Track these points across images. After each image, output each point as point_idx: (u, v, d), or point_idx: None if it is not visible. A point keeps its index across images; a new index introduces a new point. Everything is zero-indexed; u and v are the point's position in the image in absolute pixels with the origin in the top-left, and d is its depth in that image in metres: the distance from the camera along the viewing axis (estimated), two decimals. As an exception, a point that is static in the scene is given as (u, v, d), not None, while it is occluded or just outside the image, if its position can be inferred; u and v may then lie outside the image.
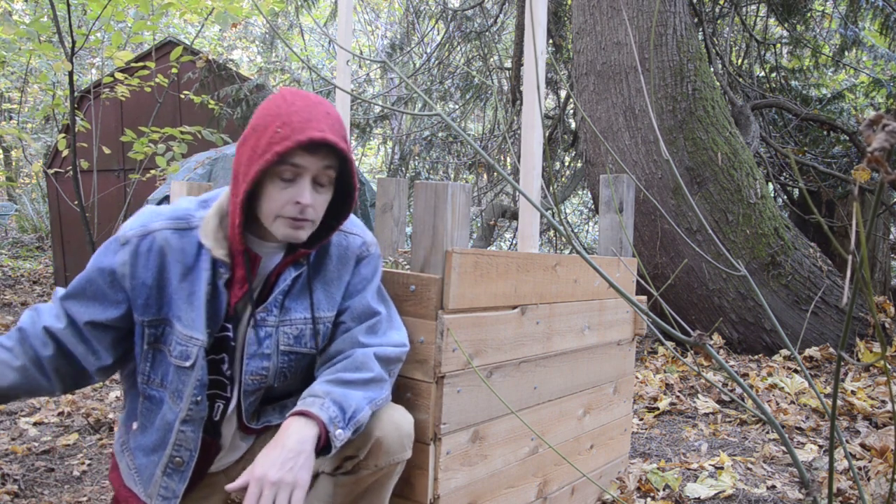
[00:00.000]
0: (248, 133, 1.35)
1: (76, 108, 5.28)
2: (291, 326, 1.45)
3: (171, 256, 1.36)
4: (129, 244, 1.36)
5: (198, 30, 8.18)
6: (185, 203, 1.43)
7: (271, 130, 1.30)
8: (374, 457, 1.41)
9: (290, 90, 1.37)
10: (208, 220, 1.38)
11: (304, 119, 1.31)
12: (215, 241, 1.37)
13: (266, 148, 1.30)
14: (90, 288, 1.38)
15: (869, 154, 0.70)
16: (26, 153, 11.76)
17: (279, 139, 1.29)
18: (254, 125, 1.34)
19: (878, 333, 0.74)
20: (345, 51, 2.01)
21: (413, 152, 7.49)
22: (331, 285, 1.48)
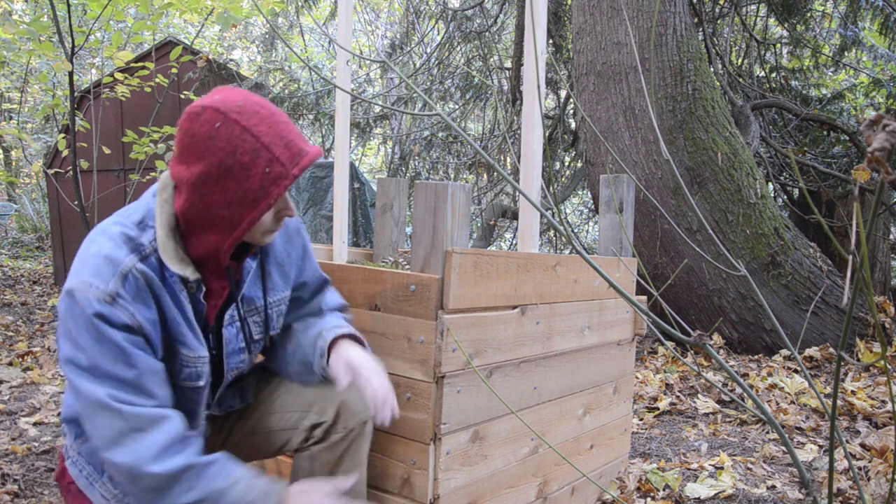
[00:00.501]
0: (213, 175, 1.23)
1: (76, 108, 5.28)
2: (257, 314, 1.50)
3: (155, 286, 1.28)
4: (118, 296, 1.22)
5: (198, 30, 8.18)
6: (116, 229, 1.28)
7: (259, 175, 1.23)
8: (342, 418, 1.47)
9: (233, 107, 1.24)
10: (165, 243, 1.29)
11: (285, 145, 1.26)
12: (181, 263, 1.30)
13: (261, 191, 1.24)
14: (123, 357, 1.23)
15: (869, 154, 0.70)
16: (26, 153, 11.76)
17: (274, 179, 1.25)
18: (220, 166, 1.23)
19: (879, 333, 0.74)
20: (345, 51, 2.01)
21: (413, 152, 7.49)
22: (283, 264, 1.53)
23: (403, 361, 1.61)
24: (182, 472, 1.23)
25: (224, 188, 1.24)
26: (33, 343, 4.62)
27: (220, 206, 1.26)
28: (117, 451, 1.21)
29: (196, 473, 1.25)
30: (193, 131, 1.24)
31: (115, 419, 1.21)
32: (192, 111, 1.26)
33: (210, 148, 1.23)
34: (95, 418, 1.22)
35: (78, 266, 1.25)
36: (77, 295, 1.21)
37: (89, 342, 1.20)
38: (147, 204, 1.33)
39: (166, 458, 1.22)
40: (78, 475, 1.38)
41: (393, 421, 1.47)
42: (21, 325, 5.21)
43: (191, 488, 1.24)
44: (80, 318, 1.20)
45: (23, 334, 4.89)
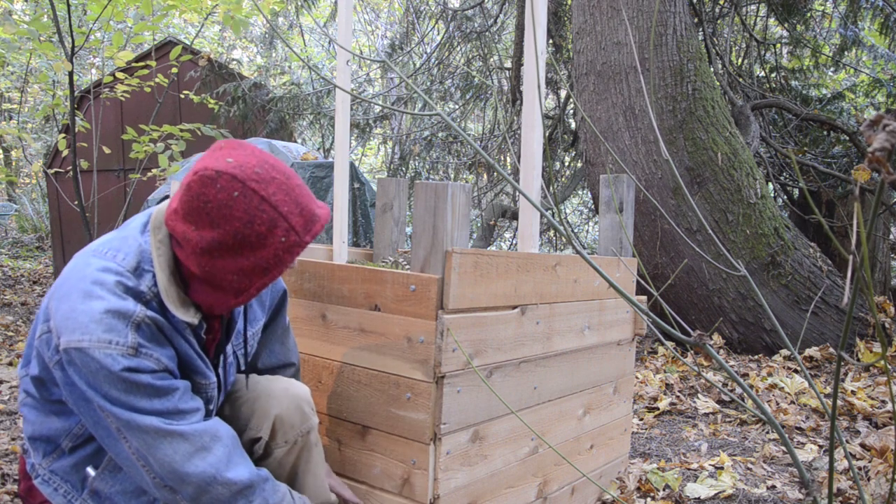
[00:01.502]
0: (228, 243, 1.21)
1: (76, 108, 5.28)
2: (242, 347, 1.55)
3: (164, 328, 1.28)
4: (140, 346, 1.22)
5: (198, 30, 8.18)
6: (111, 278, 1.24)
7: (276, 241, 1.23)
8: (280, 433, 1.51)
9: (249, 174, 1.21)
10: (167, 289, 1.28)
11: (299, 213, 1.25)
12: (183, 307, 1.30)
13: (275, 260, 1.25)
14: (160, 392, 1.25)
15: (870, 154, 0.70)
16: (26, 153, 11.76)
17: (289, 248, 1.25)
18: (236, 235, 1.20)
19: (879, 333, 0.74)
20: (345, 51, 2.01)
21: (413, 152, 7.49)
22: (261, 294, 1.59)
23: (403, 361, 1.61)
24: (248, 485, 1.30)
25: (237, 256, 1.23)
26: (33, 343, 4.61)
27: (230, 272, 1.25)
28: (189, 469, 1.25)
29: (256, 489, 1.31)
30: (208, 197, 1.20)
31: (179, 442, 1.24)
32: (206, 175, 1.20)
33: (226, 217, 1.20)
34: (159, 449, 1.23)
35: (79, 321, 1.19)
36: (96, 354, 1.18)
37: (124, 391, 1.21)
38: (139, 245, 1.29)
39: (235, 467, 1.29)
40: (52, 494, 1.35)
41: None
42: (21, 325, 5.21)
43: (250, 502, 1.31)
44: (106, 373, 1.19)
45: (23, 334, 4.89)
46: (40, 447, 1.37)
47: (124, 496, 1.34)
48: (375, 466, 1.67)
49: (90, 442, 1.34)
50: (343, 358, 1.74)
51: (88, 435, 1.34)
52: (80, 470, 1.35)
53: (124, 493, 1.34)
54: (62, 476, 1.35)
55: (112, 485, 1.34)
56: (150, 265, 1.28)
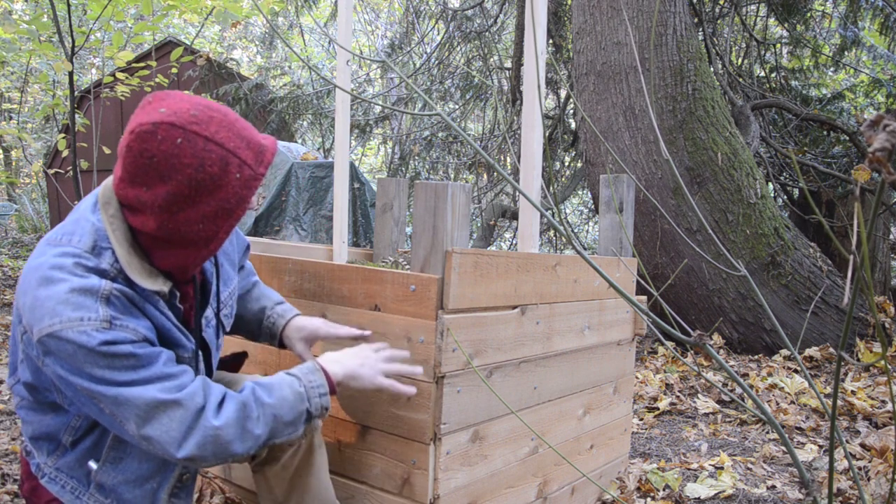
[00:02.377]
0: (185, 193, 1.17)
1: (76, 107, 5.28)
2: (224, 307, 1.53)
3: (136, 300, 1.25)
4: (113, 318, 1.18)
5: (198, 30, 8.18)
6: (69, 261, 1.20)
7: (232, 178, 1.20)
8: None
9: (185, 118, 1.18)
10: (129, 261, 1.24)
11: (246, 146, 1.23)
12: (150, 278, 1.26)
13: (237, 199, 1.22)
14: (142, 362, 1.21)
15: (870, 154, 0.70)
16: (26, 153, 11.75)
17: (244, 183, 1.22)
18: (191, 183, 1.17)
19: (879, 333, 0.74)
20: (345, 51, 2.01)
21: (413, 152, 7.49)
22: (229, 254, 1.57)
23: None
24: (240, 410, 1.27)
25: (197, 204, 1.19)
26: (33, 343, 4.61)
27: (193, 222, 1.21)
28: (191, 439, 1.21)
29: (250, 405, 1.28)
30: (151, 152, 1.16)
31: (177, 410, 1.20)
32: (143, 131, 1.16)
33: (175, 166, 1.16)
34: (159, 422, 1.20)
35: (45, 307, 1.16)
36: (69, 334, 1.14)
37: (107, 367, 1.17)
38: (91, 225, 1.24)
39: (220, 411, 1.25)
40: (61, 491, 1.34)
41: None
42: (21, 325, 5.21)
43: (256, 420, 1.28)
44: (84, 353, 1.15)
45: (23, 334, 4.89)
46: (43, 446, 1.37)
47: (128, 486, 1.33)
48: (375, 466, 1.67)
49: (89, 434, 1.33)
50: (343, 358, 1.74)
51: (86, 427, 1.33)
52: (84, 464, 1.33)
53: (127, 482, 1.33)
54: (68, 473, 1.34)
55: (114, 476, 1.33)
56: (106, 242, 1.23)
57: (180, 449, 1.21)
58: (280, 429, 1.31)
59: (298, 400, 1.33)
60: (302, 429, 1.36)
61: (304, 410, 1.33)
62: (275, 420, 1.30)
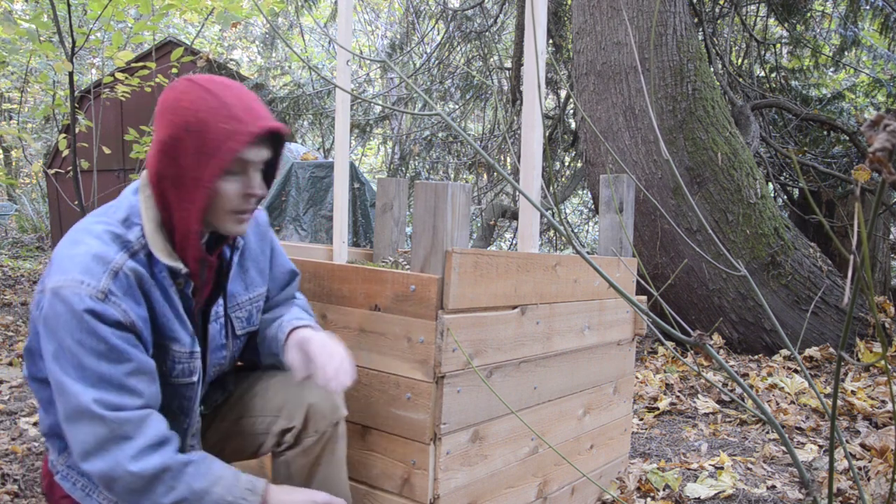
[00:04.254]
0: (179, 135, 1.26)
1: (76, 107, 5.28)
2: (240, 310, 1.52)
3: (145, 283, 1.27)
4: (110, 293, 1.20)
5: (198, 30, 8.18)
6: (100, 227, 1.27)
7: (217, 128, 1.25)
8: (312, 422, 1.49)
9: (203, 78, 1.31)
10: (153, 236, 1.29)
11: (245, 109, 1.29)
12: (169, 256, 1.30)
13: (217, 147, 1.25)
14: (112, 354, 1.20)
15: (871, 154, 0.70)
16: (26, 153, 11.76)
17: (229, 135, 1.26)
18: (183, 125, 1.25)
19: (879, 333, 0.74)
20: (345, 51, 2.01)
21: (413, 152, 7.49)
22: (258, 261, 1.57)
23: (403, 361, 1.61)
24: (160, 472, 1.22)
25: (187, 146, 1.26)
26: (33, 343, 4.61)
27: (187, 168, 1.27)
28: (96, 459, 1.19)
29: (174, 474, 1.23)
30: (167, 100, 1.29)
31: (98, 426, 1.18)
32: (168, 86, 1.33)
33: (176, 109, 1.27)
34: (77, 426, 1.19)
35: (62, 264, 1.21)
36: (65, 292, 1.18)
37: (77, 340, 1.18)
38: (129, 202, 1.32)
39: (144, 459, 1.21)
40: (72, 488, 1.35)
41: (345, 386, 1.43)
42: (21, 325, 5.21)
43: (171, 489, 1.23)
44: (69, 315, 1.17)
45: (23, 334, 4.89)
46: (55, 444, 1.38)
47: None
48: (375, 466, 1.67)
49: None
50: (343, 358, 1.74)
51: None
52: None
53: None
54: (78, 471, 1.35)
55: None
56: (138, 218, 1.30)
57: (84, 462, 1.20)
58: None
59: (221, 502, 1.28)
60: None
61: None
62: (186, 502, 1.25)
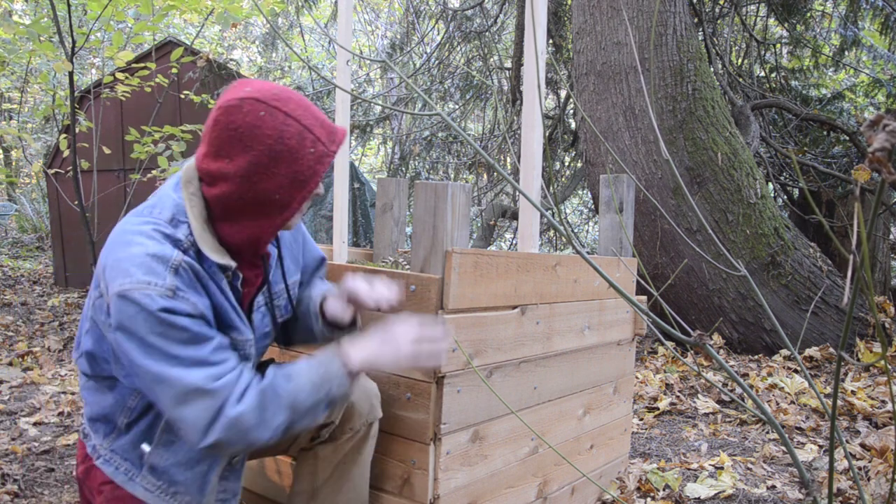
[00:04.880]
0: (263, 162, 1.26)
1: (77, 107, 5.28)
2: (279, 298, 1.56)
3: (201, 276, 1.30)
4: (177, 289, 1.24)
5: (198, 30, 8.18)
6: (149, 227, 1.29)
7: (306, 155, 1.28)
8: (349, 420, 1.53)
9: (270, 96, 1.28)
10: (202, 234, 1.32)
11: (321, 126, 1.31)
12: (219, 253, 1.33)
13: (310, 175, 1.30)
14: (196, 338, 1.25)
15: (870, 154, 0.70)
16: (26, 153, 11.76)
17: (318, 159, 1.30)
18: (269, 153, 1.26)
19: (879, 333, 0.74)
20: (345, 51, 2.01)
21: (413, 152, 7.49)
22: (293, 249, 1.61)
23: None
24: (260, 399, 1.28)
25: (275, 173, 1.27)
26: (33, 343, 4.61)
27: (271, 191, 1.28)
28: (214, 429, 1.24)
29: (270, 393, 1.29)
30: (237, 123, 1.26)
31: (208, 399, 1.23)
32: (229, 105, 1.27)
33: (258, 136, 1.25)
34: (187, 407, 1.23)
35: (120, 267, 1.23)
36: (135, 295, 1.20)
37: (159, 334, 1.21)
38: (173, 200, 1.33)
39: (242, 399, 1.27)
40: (115, 472, 1.37)
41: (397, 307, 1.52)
42: (21, 325, 5.21)
43: (275, 407, 1.29)
44: (144, 315, 1.20)
45: (23, 334, 4.89)
46: (100, 428, 1.39)
47: (179, 468, 1.36)
48: (375, 466, 1.67)
49: (143, 417, 1.36)
50: (343, 358, 1.74)
51: (141, 409, 1.36)
52: (137, 447, 1.36)
53: (178, 464, 1.36)
54: (122, 455, 1.37)
55: (166, 458, 1.36)
56: (184, 216, 1.32)
57: (204, 437, 1.24)
58: (298, 417, 1.33)
59: (316, 388, 1.34)
60: (322, 416, 1.37)
61: (322, 399, 1.35)
62: (293, 408, 1.31)
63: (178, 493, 1.37)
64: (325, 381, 1.34)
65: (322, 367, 1.36)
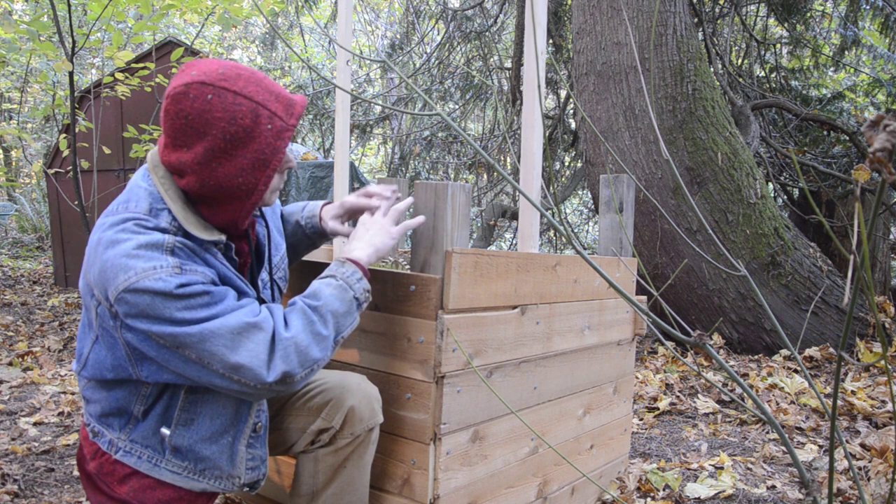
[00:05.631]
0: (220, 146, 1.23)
1: (77, 107, 5.28)
2: (278, 270, 1.60)
3: (198, 251, 1.30)
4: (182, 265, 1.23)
5: (198, 30, 8.18)
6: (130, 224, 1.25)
7: (264, 132, 1.25)
8: (350, 425, 1.52)
9: (213, 75, 1.24)
10: (185, 216, 1.30)
11: (276, 99, 1.28)
12: (207, 231, 1.32)
13: (270, 149, 1.27)
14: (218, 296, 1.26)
15: (871, 155, 0.70)
16: (26, 153, 11.76)
17: (277, 134, 1.27)
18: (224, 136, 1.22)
19: (879, 333, 0.74)
20: (345, 51, 2.01)
21: (413, 152, 7.49)
22: (275, 220, 1.64)
23: (403, 361, 1.61)
24: (305, 318, 1.32)
25: (234, 157, 1.25)
26: (33, 343, 4.61)
27: (232, 176, 1.26)
28: (275, 360, 1.26)
29: (310, 310, 1.34)
30: (186, 111, 1.22)
31: (256, 333, 1.25)
32: (176, 93, 1.23)
33: (209, 121, 1.22)
34: (242, 349, 1.23)
35: (116, 266, 1.19)
36: (145, 283, 1.18)
37: (183, 307, 1.20)
38: (145, 190, 1.30)
39: (289, 325, 1.31)
40: (137, 462, 1.35)
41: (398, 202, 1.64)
42: (21, 325, 5.21)
43: (322, 321, 1.34)
44: (161, 299, 1.18)
45: (23, 334, 4.89)
46: (114, 422, 1.37)
47: (204, 443, 1.35)
48: (375, 466, 1.67)
49: (159, 400, 1.34)
50: (343, 358, 1.74)
51: (156, 393, 1.34)
52: (157, 432, 1.35)
53: (203, 440, 1.35)
54: (142, 443, 1.36)
55: (189, 437, 1.35)
56: (161, 203, 1.29)
57: (270, 370, 1.25)
58: (341, 322, 1.38)
59: (342, 291, 1.39)
60: (358, 315, 1.43)
61: (351, 298, 1.41)
62: (333, 316, 1.36)
63: (206, 469, 1.37)
64: (349, 286, 1.41)
65: (338, 276, 1.42)
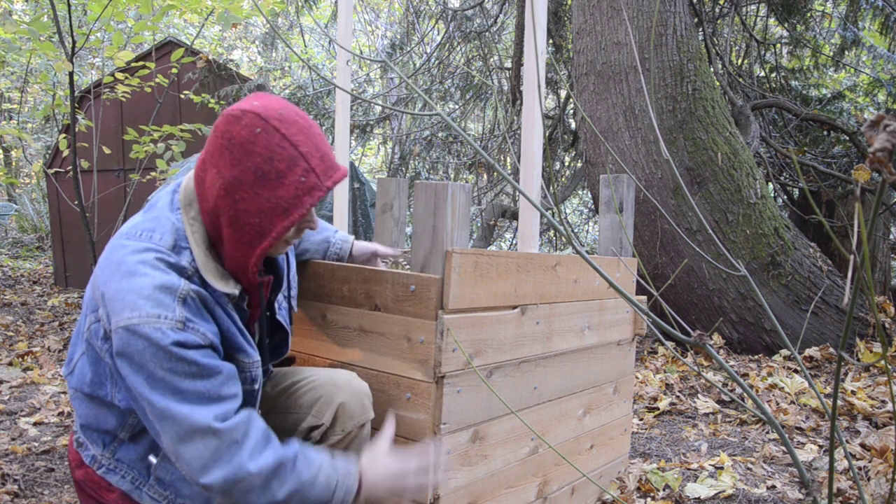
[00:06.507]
0: (247, 179, 1.21)
1: (77, 107, 5.28)
2: (292, 289, 1.59)
3: (208, 302, 1.28)
4: (187, 320, 1.21)
5: (198, 30, 8.18)
6: (152, 256, 1.24)
7: (294, 184, 1.22)
8: (340, 422, 1.51)
9: (274, 115, 1.23)
10: (205, 262, 1.29)
11: (320, 158, 1.25)
12: (222, 280, 1.30)
13: (295, 201, 1.23)
14: (204, 372, 1.22)
15: (871, 155, 0.70)
16: (26, 153, 11.76)
17: (308, 189, 1.24)
18: (255, 170, 1.21)
19: (879, 333, 0.74)
20: (345, 51, 2.01)
21: (413, 152, 7.49)
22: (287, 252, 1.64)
23: (403, 361, 1.61)
24: (277, 467, 1.26)
25: (257, 195, 1.22)
26: (33, 343, 4.62)
27: (251, 213, 1.23)
28: (216, 469, 1.21)
29: (288, 468, 1.27)
30: (231, 134, 1.22)
31: (212, 439, 1.21)
32: (231, 114, 1.23)
33: (248, 152, 1.21)
34: (190, 445, 1.20)
35: (126, 299, 1.19)
36: (144, 329, 1.17)
37: (168, 369, 1.19)
38: (172, 224, 1.29)
39: (259, 456, 1.25)
40: (121, 481, 1.35)
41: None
42: (21, 325, 5.21)
43: (284, 482, 1.27)
44: (154, 350, 1.17)
45: (23, 334, 4.89)
46: (97, 438, 1.37)
47: (184, 482, 1.35)
48: (375, 466, 1.67)
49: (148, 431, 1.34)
50: (343, 358, 1.74)
51: (143, 425, 1.34)
52: (144, 459, 1.35)
53: (183, 479, 1.35)
54: (128, 464, 1.35)
55: (172, 472, 1.34)
56: (185, 242, 1.28)
57: (204, 476, 1.22)
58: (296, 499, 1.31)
59: (327, 490, 1.32)
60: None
61: (327, 500, 1.33)
62: (297, 495, 1.29)
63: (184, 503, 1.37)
64: (335, 491, 1.33)
65: (339, 478, 1.34)
